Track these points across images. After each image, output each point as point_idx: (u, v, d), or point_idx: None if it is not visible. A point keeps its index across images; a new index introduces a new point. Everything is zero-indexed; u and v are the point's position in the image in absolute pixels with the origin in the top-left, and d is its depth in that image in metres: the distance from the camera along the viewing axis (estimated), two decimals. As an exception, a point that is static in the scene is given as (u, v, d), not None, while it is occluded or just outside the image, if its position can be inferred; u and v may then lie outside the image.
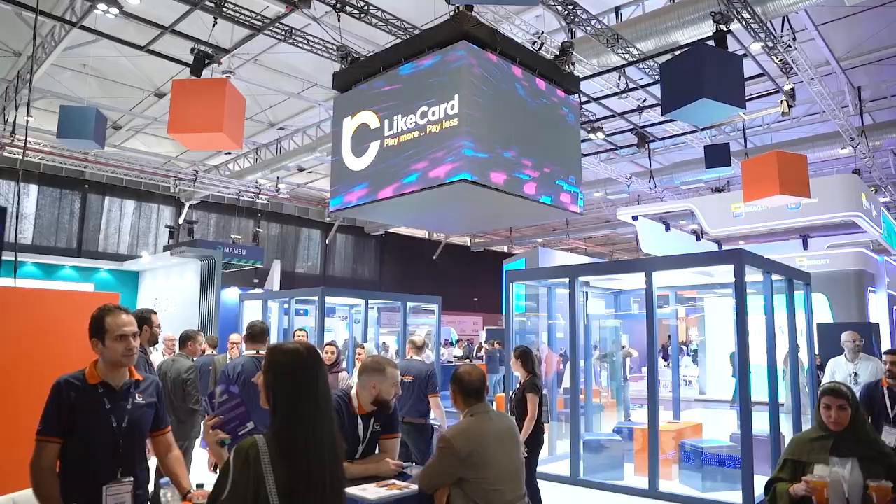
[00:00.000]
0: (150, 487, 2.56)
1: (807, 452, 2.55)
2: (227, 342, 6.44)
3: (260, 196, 17.46)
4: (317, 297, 8.33)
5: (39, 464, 2.16)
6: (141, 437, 2.43)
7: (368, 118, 6.21)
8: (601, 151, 12.27)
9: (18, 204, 15.74)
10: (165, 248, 16.35)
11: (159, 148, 16.22)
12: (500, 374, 11.94)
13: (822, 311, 13.24)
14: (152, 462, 2.63)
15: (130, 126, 14.42)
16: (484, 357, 15.30)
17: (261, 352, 3.84)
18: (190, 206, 18.52)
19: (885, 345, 13.93)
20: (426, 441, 4.66)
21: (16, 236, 5.81)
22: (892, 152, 14.42)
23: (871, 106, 12.13)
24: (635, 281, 6.65)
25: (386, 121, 6.01)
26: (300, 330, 6.68)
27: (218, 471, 1.74)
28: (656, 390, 5.88)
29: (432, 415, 5.00)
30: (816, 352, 11.31)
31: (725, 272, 5.69)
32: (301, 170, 17.33)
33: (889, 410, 4.37)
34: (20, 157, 13.87)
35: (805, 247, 14.99)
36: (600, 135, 9.44)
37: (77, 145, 7.69)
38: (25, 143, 6.78)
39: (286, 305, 9.21)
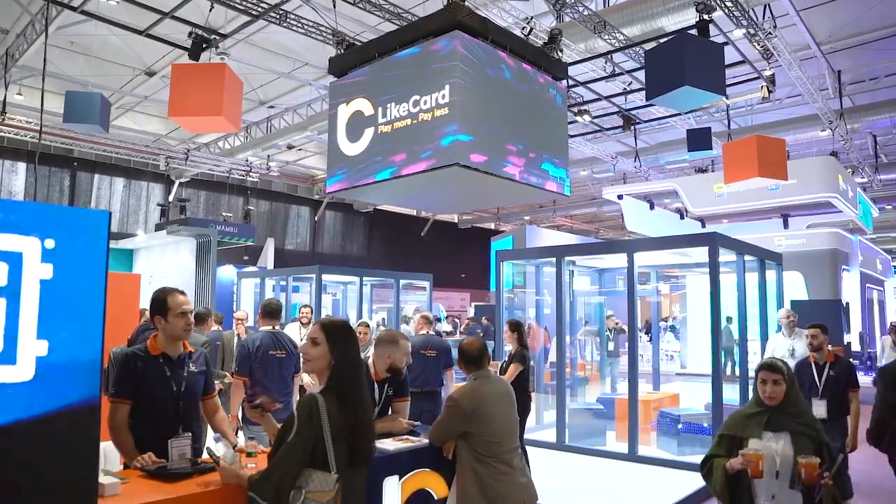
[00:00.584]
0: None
1: (742, 428, 2.60)
2: (232, 319, 6.72)
3: (251, 174, 17.52)
4: (314, 275, 8.61)
5: (114, 422, 2.57)
6: (196, 400, 2.86)
7: (363, 105, 6.42)
8: (588, 133, 12.53)
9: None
10: (157, 226, 16.41)
11: (148, 126, 16.18)
12: None
13: (799, 289, 13.79)
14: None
15: (120, 104, 14.38)
16: (465, 332, 16.08)
17: (276, 327, 4.16)
18: (180, 183, 18.53)
19: (855, 321, 14.56)
20: (437, 405, 5.06)
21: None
22: (871, 134, 14.81)
23: (852, 89, 12.44)
24: (619, 260, 7.01)
25: (380, 108, 6.23)
26: (305, 306, 6.99)
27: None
28: (636, 363, 6.30)
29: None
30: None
31: (701, 253, 6.05)
32: (290, 147, 17.39)
33: (817, 383, 4.55)
34: (11, 135, 13.86)
35: (786, 226, 15.47)
36: (587, 117, 9.70)
37: (83, 129, 7.85)
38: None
39: (283, 283, 9.49)
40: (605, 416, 6.81)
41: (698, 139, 9.56)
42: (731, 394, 6.26)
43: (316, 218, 23.03)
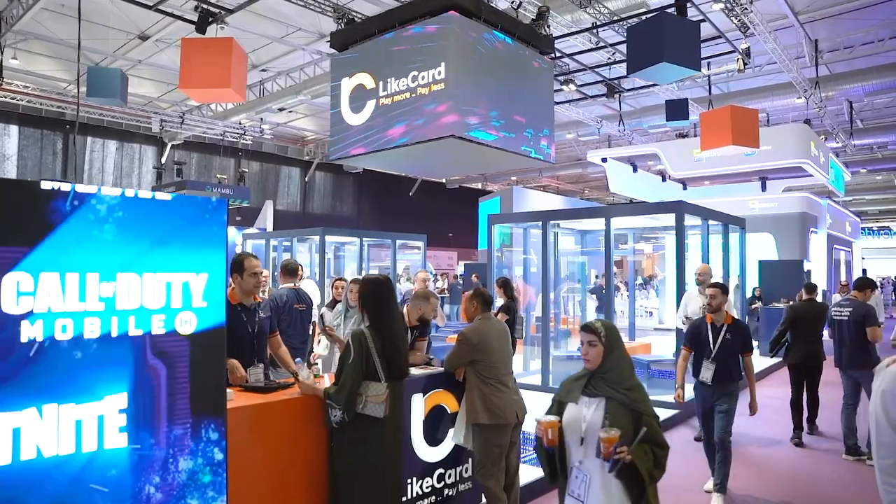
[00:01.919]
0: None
1: (567, 392, 2.46)
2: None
3: (244, 137, 17.73)
4: (317, 237, 9.20)
5: None
6: (265, 339, 3.61)
7: (365, 79, 6.89)
8: (574, 100, 12.98)
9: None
10: (154, 189, 16.67)
11: (140, 89, 16.23)
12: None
13: (770, 250, 14.63)
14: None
15: (113, 67, 14.45)
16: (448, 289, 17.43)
17: (297, 284, 4.80)
18: (172, 146, 18.69)
19: (820, 280, 15.47)
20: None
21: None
22: (847, 101, 15.35)
23: (829, 57, 12.88)
24: (599, 223, 7.68)
25: (381, 82, 6.72)
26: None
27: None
28: (612, 317, 7.06)
29: None
30: (758, 284, 12.73)
31: (671, 219, 6.72)
32: (281, 110, 17.59)
33: (711, 346, 4.33)
34: (3, 98, 13.96)
35: (763, 188, 16.19)
36: (572, 86, 10.16)
37: (104, 103, 8.26)
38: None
39: (286, 243, 10.08)
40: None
41: (676, 109, 10.12)
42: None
43: (306, 178, 23.32)
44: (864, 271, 24.71)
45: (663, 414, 6.14)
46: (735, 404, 4.36)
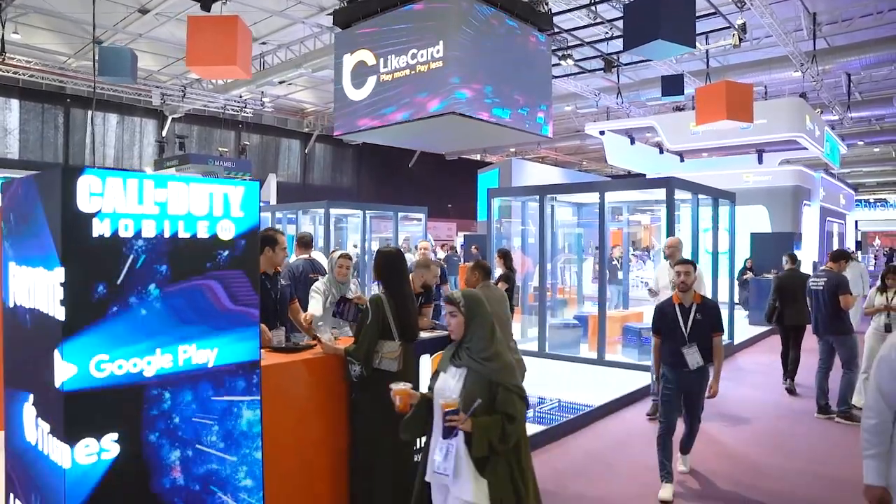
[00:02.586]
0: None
1: (442, 361, 2.51)
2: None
3: (245, 110, 17.79)
4: (322, 210, 9.48)
5: None
6: (286, 305, 3.99)
7: (366, 56, 7.07)
8: (572, 74, 13.08)
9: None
10: (156, 162, 16.81)
11: (140, 62, 16.18)
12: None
13: (763, 222, 14.92)
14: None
15: (112, 41, 14.46)
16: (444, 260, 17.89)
17: (312, 255, 5.11)
18: (173, 119, 18.76)
19: (812, 252, 15.81)
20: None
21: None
22: (846, 73, 15.38)
23: (828, 30, 12.90)
24: (594, 197, 7.96)
25: (381, 59, 6.90)
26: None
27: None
28: (605, 287, 7.42)
29: None
30: (749, 256, 13.05)
31: (662, 193, 7.00)
32: (281, 83, 17.62)
33: (682, 328, 3.99)
34: (4, 72, 14.01)
35: (760, 161, 16.39)
36: (570, 61, 10.29)
37: (116, 81, 8.40)
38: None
39: (291, 216, 10.38)
40: (579, 330, 8.01)
41: (672, 85, 10.29)
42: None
43: (306, 151, 23.42)
44: (857, 244, 25.11)
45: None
46: (706, 388, 4.12)
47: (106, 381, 2.06)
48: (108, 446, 2.08)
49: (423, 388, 3.75)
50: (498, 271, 6.32)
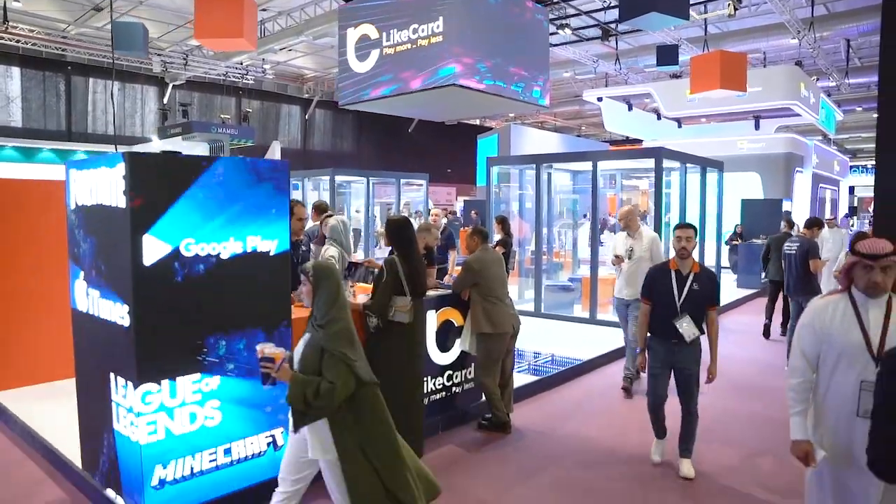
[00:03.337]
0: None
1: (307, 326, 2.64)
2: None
3: (246, 77, 17.84)
4: (328, 177, 9.86)
5: None
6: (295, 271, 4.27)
7: (369, 30, 7.31)
8: (570, 43, 13.20)
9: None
10: (159, 130, 16.97)
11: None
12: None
13: (756, 189, 15.26)
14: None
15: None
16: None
17: (302, 218, 5.57)
18: (174, 86, 18.83)
19: (801, 218, 16.12)
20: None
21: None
22: (845, 39, 15.40)
23: (828, -4, 12.92)
24: (588, 165, 8.32)
25: (384, 33, 7.15)
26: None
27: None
28: (597, 251, 7.86)
29: None
30: (740, 222, 13.45)
31: (651, 163, 7.36)
32: (282, 49, 17.65)
33: (675, 297, 3.62)
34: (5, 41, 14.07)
35: (757, 127, 16.60)
36: (568, 31, 10.46)
37: (129, 55, 8.56)
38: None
39: (297, 183, 10.74)
40: (573, 292, 8.49)
41: (667, 55, 10.50)
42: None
43: (307, 116, 23.50)
44: (852, 209, 25.43)
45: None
46: (700, 368, 3.78)
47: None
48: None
49: (430, 337, 4.28)
50: (497, 237, 6.75)
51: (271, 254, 3.22)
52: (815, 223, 6.43)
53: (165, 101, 19.01)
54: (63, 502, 3.42)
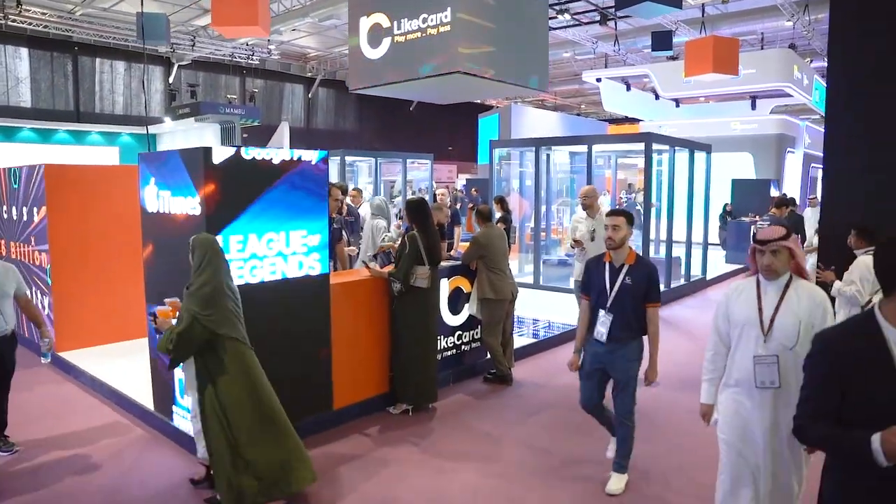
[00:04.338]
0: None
1: None
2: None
3: (252, 57, 18.08)
4: (338, 157, 10.38)
5: None
6: (336, 242, 4.96)
7: (381, 19, 7.75)
8: (569, 26, 13.56)
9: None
10: (168, 110, 17.29)
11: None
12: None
13: (748, 169, 15.74)
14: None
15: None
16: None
17: (338, 199, 6.12)
18: (179, 66, 19.10)
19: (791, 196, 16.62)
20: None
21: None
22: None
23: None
24: (584, 148, 8.86)
25: (395, 22, 7.59)
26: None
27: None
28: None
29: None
30: (730, 201, 13.97)
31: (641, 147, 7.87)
32: (286, 29, 17.90)
33: (607, 291, 3.23)
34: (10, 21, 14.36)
35: (753, 107, 17.01)
36: (567, 16, 10.86)
37: (153, 44, 8.98)
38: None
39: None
40: (570, 266, 9.08)
41: (661, 41, 10.92)
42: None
43: (310, 95, 23.77)
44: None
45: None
46: (636, 372, 3.33)
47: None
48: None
49: (443, 301, 4.86)
50: (498, 214, 7.33)
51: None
52: (783, 202, 6.92)
53: (171, 80, 19.29)
54: (143, 438, 4.06)
